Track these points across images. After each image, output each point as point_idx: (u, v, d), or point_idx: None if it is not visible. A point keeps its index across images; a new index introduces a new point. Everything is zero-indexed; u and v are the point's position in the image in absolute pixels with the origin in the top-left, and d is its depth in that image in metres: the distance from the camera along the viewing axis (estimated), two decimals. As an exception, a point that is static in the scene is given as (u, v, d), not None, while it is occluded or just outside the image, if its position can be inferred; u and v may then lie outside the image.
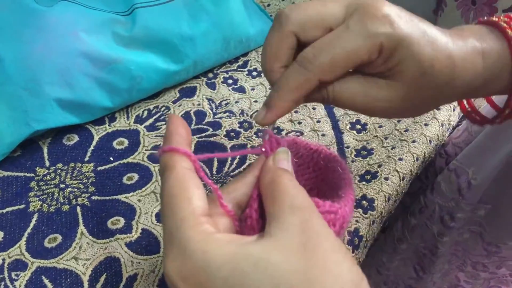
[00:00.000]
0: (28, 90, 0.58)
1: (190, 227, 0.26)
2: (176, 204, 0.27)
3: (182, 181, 0.27)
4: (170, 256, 0.25)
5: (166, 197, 0.27)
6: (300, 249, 0.24)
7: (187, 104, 0.68)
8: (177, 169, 0.28)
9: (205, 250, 0.25)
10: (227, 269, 0.24)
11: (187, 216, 0.26)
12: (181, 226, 0.26)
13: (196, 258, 0.25)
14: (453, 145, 0.73)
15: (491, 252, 0.71)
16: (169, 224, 0.26)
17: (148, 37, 0.64)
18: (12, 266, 0.49)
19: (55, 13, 0.60)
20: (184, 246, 0.25)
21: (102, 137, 0.63)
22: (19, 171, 0.58)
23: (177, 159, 0.28)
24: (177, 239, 0.26)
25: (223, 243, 0.25)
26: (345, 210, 0.30)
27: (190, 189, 0.27)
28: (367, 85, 0.34)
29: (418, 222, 0.76)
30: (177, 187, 0.27)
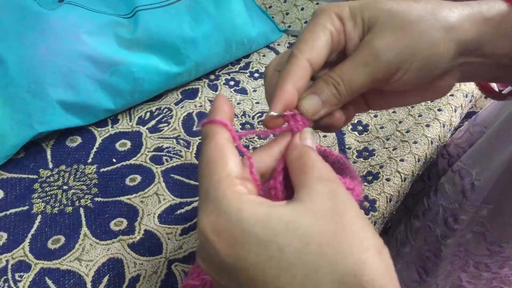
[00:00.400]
0: (31, 93, 0.58)
1: (226, 187, 0.27)
2: (214, 167, 0.28)
3: (221, 148, 0.29)
4: (206, 211, 0.27)
5: (205, 161, 0.29)
6: (329, 213, 0.26)
7: (189, 106, 0.69)
8: (216, 138, 0.30)
9: (240, 208, 0.26)
10: (260, 227, 0.25)
11: (223, 177, 0.28)
12: (217, 185, 0.27)
13: (230, 214, 0.26)
14: (455, 146, 0.73)
15: (494, 252, 0.71)
16: (206, 184, 0.28)
17: (150, 39, 0.65)
18: (16, 267, 0.49)
19: (57, 15, 0.60)
20: (219, 202, 0.26)
21: (104, 139, 0.63)
22: (23, 173, 0.59)
23: (217, 129, 0.30)
24: (213, 196, 0.27)
25: (256, 203, 0.27)
26: (359, 188, 0.33)
27: (227, 155, 0.29)
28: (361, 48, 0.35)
29: (421, 224, 0.76)
30: (215, 153, 0.29)
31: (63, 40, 0.60)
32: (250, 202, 0.26)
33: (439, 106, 0.68)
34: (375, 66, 0.34)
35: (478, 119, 0.72)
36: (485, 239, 0.71)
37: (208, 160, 0.29)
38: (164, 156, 0.61)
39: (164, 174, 0.59)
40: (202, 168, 0.29)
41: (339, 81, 0.34)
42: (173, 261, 0.50)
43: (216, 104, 0.32)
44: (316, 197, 0.27)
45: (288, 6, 0.88)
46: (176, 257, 0.51)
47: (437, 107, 0.68)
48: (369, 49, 0.34)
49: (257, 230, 0.25)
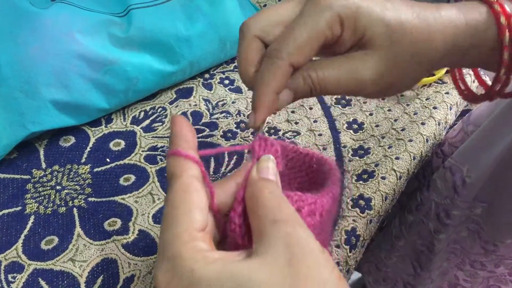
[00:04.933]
0: (24, 92, 0.58)
1: (183, 244, 0.26)
2: (175, 217, 0.27)
3: (186, 193, 0.28)
4: (161, 269, 0.26)
5: (168, 206, 0.28)
6: (285, 266, 0.24)
7: (183, 105, 0.68)
8: (183, 178, 0.28)
9: (193, 269, 0.25)
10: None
11: (182, 232, 0.26)
12: (175, 240, 0.26)
13: (183, 276, 0.25)
14: (450, 145, 0.73)
15: (489, 251, 0.71)
16: (165, 235, 0.27)
17: (144, 38, 0.64)
18: (9, 268, 0.49)
19: (50, 14, 0.60)
20: (174, 261, 0.26)
21: (98, 138, 0.63)
22: (15, 173, 0.58)
23: (183, 166, 0.29)
24: (170, 253, 0.26)
25: (211, 261, 0.25)
26: (322, 200, 0.31)
27: (192, 201, 0.28)
28: (346, 61, 0.35)
29: (415, 219, 0.76)
30: (179, 199, 0.28)
31: (56, 39, 0.59)
32: (206, 260, 0.25)
33: (434, 104, 0.68)
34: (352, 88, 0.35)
35: (472, 118, 0.72)
36: (479, 237, 0.71)
37: (171, 206, 0.28)
38: (159, 155, 0.61)
39: (158, 173, 0.59)
40: (165, 215, 0.28)
41: (316, 85, 0.35)
42: (168, 261, 0.50)
43: (175, 129, 0.30)
44: (270, 247, 0.25)
45: (283, 4, 0.88)
46: (171, 257, 0.50)
47: (433, 105, 0.68)
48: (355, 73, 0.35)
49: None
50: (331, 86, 0.35)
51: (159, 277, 0.26)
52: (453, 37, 0.35)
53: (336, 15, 0.33)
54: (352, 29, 0.34)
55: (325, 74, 0.35)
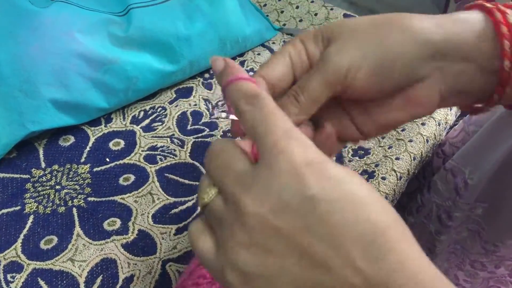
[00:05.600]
0: (24, 91, 0.57)
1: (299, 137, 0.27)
2: (280, 117, 0.27)
3: (274, 104, 0.28)
4: (292, 146, 0.26)
5: (265, 115, 0.27)
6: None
7: (183, 105, 0.68)
8: (263, 93, 0.29)
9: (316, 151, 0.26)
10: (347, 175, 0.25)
11: (290, 127, 0.27)
12: (293, 129, 0.27)
13: (313, 149, 0.26)
14: (450, 145, 0.73)
15: (489, 251, 0.71)
16: (279, 132, 0.26)
17: (144, 37, 0.64)
18: (8, 268, 0.49)
19: (50, 13, 0.60)
20: (306, 140, 0.26)
21: (98, 138, 0.63)
22: (15, 173, 0.58)
23: (258, 88, 0.30)
24: (296, 135, 0.26)
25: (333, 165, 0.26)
26: None
27: (280, 110, 0.28)
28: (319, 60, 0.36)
29: (415, 220, 0.76)
30: (273, 107, 0.28)
31: (56, 38, 0.59)
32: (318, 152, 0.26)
33: (434, 104, 0.68)
34: (325, 70, 0.34)
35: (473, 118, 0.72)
36: (480, 237, 0.71)
37: (275, 113, 0.28)
38: (158, 155, 0.61)
39: (158, 173, 0.58)
40: (264, 122, 0.27)
41: (298, 91, 0.35)
42: (168, 261, 0.50)
43: (232, 64, 0.32)
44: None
45: (283, 4, 0.88)
46: (171, 257, 0.50)
47: (433, 105, 0.68)
48: (322, 57, 0.35)
49: (345, 174, 0.25)
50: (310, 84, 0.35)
51: (293, 150, 0.25)
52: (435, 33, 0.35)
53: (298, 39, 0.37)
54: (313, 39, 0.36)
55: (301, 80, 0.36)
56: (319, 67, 0.35)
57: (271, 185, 0.25)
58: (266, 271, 0.25)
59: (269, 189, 0.25)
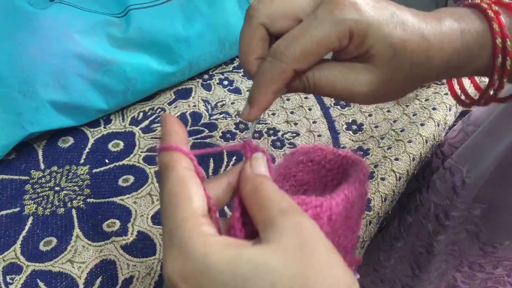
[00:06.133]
0: (22, 93, 0.57)
1: (191, 228, 0.26)
2: (177, 204, 0.27)
3: (183, 181, 0.28)
4: (171, 256, 0.25)
5: (166, 196, 0.27)
6: (298, 252, 0.25)
7: (182, 106, 0.68)
8: (177, 168, 0.28)
9: (206, 253, 0.25)
10: (228, 273, 0.24)
11: (188, 216, 0.26)
12: (181, 226, 0.26)
13: (197, 260, 0.25)
14: (449, 146, 0.73)
15: (488, 252, 0.71)
16: (170, 224, 0.26)
17: (143, 38, 0.64)
18: (7, 270, 0.49)
19: (49, 15, 0.60)
20: (184, 247, 0.25)
21: (97, 139, 0.63)
22: (14, 174, 0.58)
23: (177, 158, 0.29)
24: (178, 239, 0.25)
25: (222, 246, 0.25)
26: (330, 202, 0.30)
27: (191, 188, 0.27)
28: (345, 71, 0.35)
29: (414, 220, 0.76)
30: (178, 187, 0.27)
31: (55, 39, 0.59)
32: (217, 245, 0.25)
33: (433, 105, 0.68)
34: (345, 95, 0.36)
35: (472, 118, 0.72)
36: (478, 238, 0.71)
37: (170, 194, 0.27)
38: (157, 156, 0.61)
39: (157, 174, 0.58)
40: (164, 204, 0.27)
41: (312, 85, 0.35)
42: (167, 262, 0.50)
43: (167, 126, 0.31)
44: (282, 235, 0.25)
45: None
46: (170, 258, 0.50)
47: (432, 106, 0.68)
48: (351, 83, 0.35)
49: (226, 277, 0.24)
50: (325, 88, 0.35)
51: (170, 265, 0.25)
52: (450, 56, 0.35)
53: (347, 30, 0.33)
54: (359, 43, 0.34)
55: (322, 76, 0.35)
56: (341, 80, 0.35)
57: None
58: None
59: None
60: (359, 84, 0.35)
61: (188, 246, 0.25)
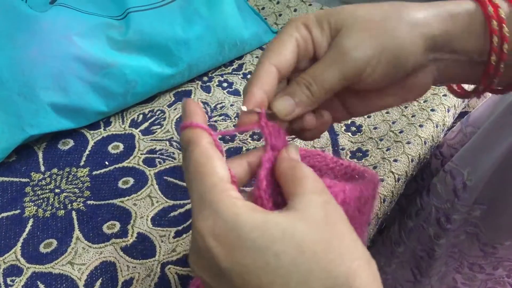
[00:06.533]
0: (23, 95, 0.58)
1: (221, 192, 0.28)
2: (205, 172, 0.29)
3: (208, 153, 0.30)
4: (202, 216, 0.27)
5: (193, 166, 0.29)
6: (322, 222, 0.27)
7: (182, 108, 0.68)
8: (201, 142, 0.30)
9: (237, 213, 0.26)
10: (257, 232, 0.26)
11: (216, 182, 0.28)
12: (212, 190, 0.28)
13: (228, 219, 0.26)
14: (448, 147, 0.73)
15: (488, 253, 0.71)
16: (199, 188, 0.28)
17: (143, 41, 0.64)
18: (8, 272, 0.49)
19: (48, 17, 0.60)
20: (216, 207, 0.27)
21: (97, 141, 0.63)
22: (14, 176, 0.58)
23: (200, 134, 0.31)
24: (209, 201, 0.27)
25: (252, 209, 0.27)
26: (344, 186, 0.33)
27: (215, 159, 0.30)
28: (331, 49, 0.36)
29: (414, 224, 0.76)
30: (203, 158, 0.29)
31: (55, 42, 0.59)
32: (246, 208, 0.27)
33: (432, 106, 0.68)
34: (344, 64, 0.35)
35: (470, 119, 0.72)
36: (478, 240, 0.71)
37: (197, 165, 0.29)
38: (157, 158, 0.61)
39: (157, 176, 0.59)
40: (192, 173, 0.29)
41: (311, 81, 0.35)
42: (167, 264, 0.50)
43: (190, 108, 0.33)
44: (310, 207, 0.27)
45: (281, 7, 0.88)
46: (170, 260, 0.50)
47: (430, 107, 0.68)
48: (338, 49, 0.35)
49: (254, 236, 0.26)
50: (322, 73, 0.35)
51: (201, 224, 0.27)
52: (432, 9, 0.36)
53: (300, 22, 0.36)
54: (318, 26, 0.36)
55: (314, 67, 0.36)
56: (335, 59, 0.35)
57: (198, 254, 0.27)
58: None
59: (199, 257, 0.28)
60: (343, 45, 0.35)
61: (219, 206, 0.27)
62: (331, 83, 0.35)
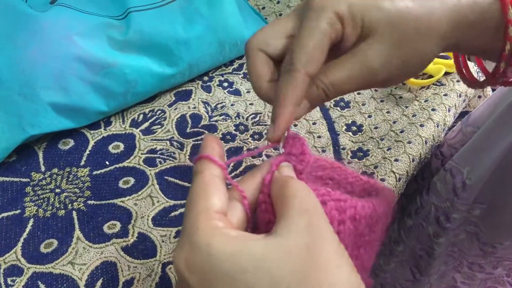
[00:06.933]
0: (23, 95, 0.58)
1: (201, 221, 0.27)
2: (195, 201, 0.29)
3: (206, 183, 0.30)
4: (180, 244, 0.27)
5: (189, 196, 0.30)
6: (303, 250, 0.25)
7: (182, 108, 0.68)
8: (204, 173, 0.30)
9: (209, 243, 0.26)
10: (229, 263, 0.25)
11: (200, 211, 0.28)
12: (192, 219, 0.28)
13: (200, 248, 0.26)
14: (449, 146, 0.73)
15: (487, 252, 0.71)
16: (186, 218, 0.28)
17: (143, 41, 0.64)
18: (8, 272, 0.49)
19: (49, 17, 0.60)
20: (191, 236, 0.27)
21: (97, 141, 0.63)
22: (15, 176, 0.58)
23: (206, 165, 0.31)
24: (188, 230, 0.27)
25: (228, 238, 0.26)
26: (357, 202, 0.32)
27: (210, 189, 0.30)
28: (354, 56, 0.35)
29: (414, 223, 0.76)
30: (199, 187, 0.30)
31: (55, 42, 0.59)
32: (223, 237, 0.26)
33: (433, 106, 0.68)
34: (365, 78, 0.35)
35: (471, 119, 0.72)
36: (478, 239, 0.71)
37: (192, 195, 0.30)
38: (158, 158, 0.61)
39: (157, 176, 0.59)
40: (186, 203, 0.30)
41: (330, 87, 0.35)
42: (168, 264, 0.50)
43: (206, 142, 0.33)
44: (292, 231, 0.26)
45: (282, 7, 0.88)
46: (171, 260, 0.50)
47: (431, 107, 0.68)
48: (364, 63, 0.35)
49: (226, 266, 0.25)
50: (343, 83, 0.35)
51: (177, 254, 0.27)
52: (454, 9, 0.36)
53: (333, 13, 0.34)
54: (351, 21, 0.35)
55: (336, 74, 0.35)
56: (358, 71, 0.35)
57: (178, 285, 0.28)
58: None
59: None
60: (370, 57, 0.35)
61: (195, 236, 0.27)
62: (348, 90, 0.36)
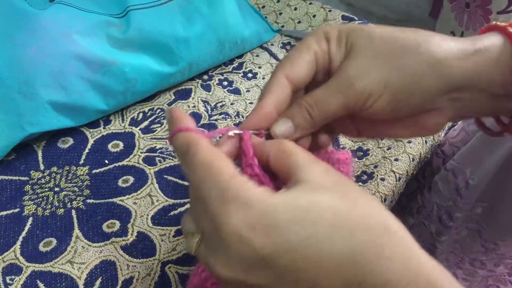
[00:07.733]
0: (22, 93, 0.57)
1: (240, 184, 0.27)
2: (217, 171, 0.28)
3: (213, 152, 0.29)
4: (228, 213, 0.26)
5: (200, 167, 0.28)
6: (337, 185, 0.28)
7: (182, 106, 0.68)
8: (202, 143, 0.29)
9: (262, 200, 0.26)
10: (290, 209, 0.26)
11: (232, 176, 0.28)
12: (230, 185, 0.27)
13: (257, 206, 0.26)
14: (450, 145, 0.73)
15: (489, 249, 0.71)
16: (216, 188, 0.27)
17: (143, 39, 0.64)
18: (7, 270, 0.49)
19: (48, 15, 0.60)
20: (242, 199, 0.26)
21: (97, 140, 0.63)
22: (14, 175, 0.58)
23: (197, 136, 0.30)
24: (231, 196, 0.27)
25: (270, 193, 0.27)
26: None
27: (223, 157, 0.29)
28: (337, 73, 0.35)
29: (415, 221, 0.76)
30: (210, 156, 0.29)
31: (54, 40, 0.59)
32: (267, 192, 0.27)
33: (433, 105, 0.68)
34: (346, 93, 0.34)
35: (473, 118, 0.72)
36: (480, 236, 0.71)
37: (206, 165, 0.28)
38: (157, 157, 0.61)
39: (157, 175, 0.58)
40: (201, 175, 0.28)
41: (313, 106, 0.35)
42: (167, 263, 0.50)
43: (177, 114, 0.32)
44: (317, 175, 0.28)
45: (281, 6, 0.88)
46: (170, 259, 0.50)
47: (431, 106, 0.68)
48: (343, 75, 0.34)
49: (289, 213, 0.26)
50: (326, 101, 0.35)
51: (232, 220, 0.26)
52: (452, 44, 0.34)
53: (322, 33, 0.35)
54: (337, 40, 0.35)
55: (319, 92, 0.35)
56: (339, 86, 0.34)
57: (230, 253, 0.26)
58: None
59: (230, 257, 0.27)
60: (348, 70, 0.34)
61: (245, 197, 0.27)
62: (332, 110, 0.35)
